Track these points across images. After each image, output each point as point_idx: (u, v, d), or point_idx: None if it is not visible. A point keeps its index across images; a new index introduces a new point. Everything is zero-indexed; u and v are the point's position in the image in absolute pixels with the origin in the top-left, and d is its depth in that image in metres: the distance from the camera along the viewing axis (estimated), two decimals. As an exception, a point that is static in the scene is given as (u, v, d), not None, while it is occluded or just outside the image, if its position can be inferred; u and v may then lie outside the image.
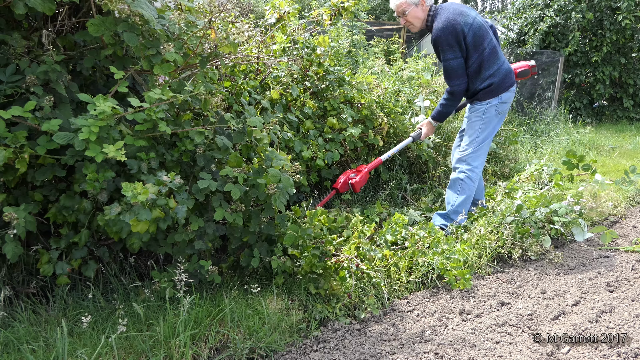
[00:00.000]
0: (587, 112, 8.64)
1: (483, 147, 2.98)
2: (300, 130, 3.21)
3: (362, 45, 6.22)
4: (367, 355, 1.90)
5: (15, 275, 2.03)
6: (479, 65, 2.86)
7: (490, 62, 2.87)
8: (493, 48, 2.88)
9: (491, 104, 2.92)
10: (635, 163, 4.83)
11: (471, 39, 2.80)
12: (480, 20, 2.88)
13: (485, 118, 2.94)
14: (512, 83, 2.96)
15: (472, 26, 2.80)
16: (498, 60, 2.89)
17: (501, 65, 2.90)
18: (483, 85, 2.90)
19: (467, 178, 2.98)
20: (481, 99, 2.94)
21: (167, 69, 1.86)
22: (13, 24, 1.87)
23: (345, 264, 2.37)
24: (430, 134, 3.21)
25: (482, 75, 2.88)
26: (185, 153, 2.04)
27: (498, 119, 2.98)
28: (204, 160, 2.04)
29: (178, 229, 1.98)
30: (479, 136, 2.97)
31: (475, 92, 2.95)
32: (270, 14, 3.23)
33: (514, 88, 2.99)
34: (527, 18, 8.67)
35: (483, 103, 2.94)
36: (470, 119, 3.00)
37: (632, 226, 3.39)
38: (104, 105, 1.65)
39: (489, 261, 2.71)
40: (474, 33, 2.79)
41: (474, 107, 2.99)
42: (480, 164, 3.01)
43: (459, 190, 3.00)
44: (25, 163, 1.69)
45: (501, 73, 2.89)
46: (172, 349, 1.77)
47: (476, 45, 2.82)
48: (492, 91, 2.90)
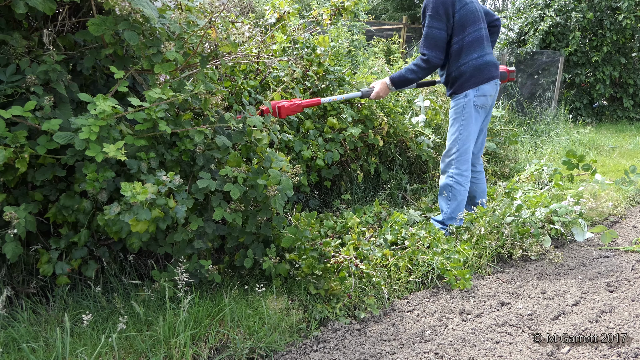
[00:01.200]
0: (587, 112, 8.64)
1: (468, 145, 2.91)
2: (300, 130, 3.21)
3: (362, 45, 6.22)
4: (367, 355, 1.90)
5: (15, 275, 2.03)
6: (460, 48, 2.79)
7: (471, 50, 2.79)
8: (479, 37, 2.80)
9: (469, 97, 2.83)
10: (635, 163, 4.84)
11: (459, 17, 2.73)
12: (477, 7, 2.82)
13: (465, 114, 2.86)
14: (492, 76, 2.86)
15: (466, 6, 2.74)
16: (481, 50, 2.81)
17: (482, 55, 2.82)
18: (457, 73, 2.83)
19: (456, 183, 2.92)
20: (458, 92, 2.87)
21: (168, 68, 1.86)
22: (13, 24, 1.87)
23: (344, 265, 2.37)
24: (382, 95, 3.00)
25: (461, 60, 2.80)
26: (185, 152, 2.04)
27: (478, 114, 2.90)
28: (203, 159, 2.04)
29: (178, 229, 1.98)
30: (462, 133, 2.89)
31: (452, 82, 2.88)
32: (270, 14, 3.23)
33: (495, 82, 2.89)
34: (527, 18, 8.68)
35: (460, 96, 2.86)
36: (451, 116, 2.94)
37: (632, 226, 3.39)
38: (104, 104, 1.65)
39: (489, 261, 2.71)
40: (465, 13, 2.73)
41: (453, 102, 2.93)
42: (469, 167, 2.94)
43: (450, 196, 2.95)
44: (25, 163, 1.69)
45: (479, 62, 2.80)
46: (172, 348, 1.77)
47: (462, 26, 2.75)
48: (467, 80, 2.82)
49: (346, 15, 3.50)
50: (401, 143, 3.83)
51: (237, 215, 2.00)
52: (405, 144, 3.81)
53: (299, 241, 2.22)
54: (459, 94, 2.88)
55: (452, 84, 2.89)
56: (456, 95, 2.90)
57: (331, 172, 3.32)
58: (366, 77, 3.76)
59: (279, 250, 2.25)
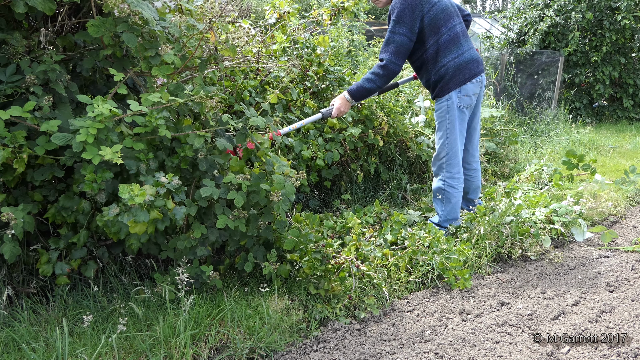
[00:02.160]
0: (587, 112, 8.64)
1: (456, 147, 2.84)
2: (300, 130, 3.21)
3: (362, 45, 6.22)
4: (367, 355, 1.90)
5: (15, 275, 2.03)
6: (436, 50, 2.68)
7: (448, 50, 2.69)
8: (454, 35, 2.69)
9: (451, 99, 2.75)
10: (635, 163, 4.84)
11: (430, 20, 2.62)
12: (448, 3, 2.69)
13: (449, 117, 2.78)
14: (474, 73, 2.75)
15: (435, 6, 2.62)
16: (458, 49, 2.71)
17: (461, 54, 2.71)
18: (436, 77, 2.74)
19: (448, 186, 2.89)
20: (440, 95, 2.80)
21: (166, 71, 1.86)
22: (13, 24, 1.87)
23: (345, 265, 2.37)
24: (344, 111, 2.85)
25: (439, 64, 2.70)
26: (184, 160, 2.03)
27: (464, 114, 2.82)
28: (206, 164, 2.02)
29: (181, 235, 1.97)
30: (449, 137, 2.82)
31: (433, 86, 2.82)
32: (270, 14, 3.23)
33: (479, 79, 2.79)
34: (527, 18, 8.68)
35: (443, 99, 2.78)
36: (436, 120, 2.87)
37: (632, 226, 3.39)
38: (102, 107, 1.65)
39: (488, 261, 2.71)
40: (435, 14, 2.62)
41: (437, 105, 2.86)
42: (460, 168, 2.90)
43: (444, 199, 2.93)
44: (23, 163, 1.69)
45: (458, 62, 2.70)
46: (172, 348, 1.77)
47: (435, 27, 2.64)
48: (447, 83, 2.72)
49: (346, 16, 3.50)
50: (401, 143, 3.83)
51: (241, 222, 1.98)
52: (405, 144, 3.81)
53: (302, 244, 2.22)
54: (441, 97, 2.80)
55: (434, 87, 2.82)
56: (439, 99, 2.82)
57: (331, 172, 3.32)
58: (366, 77, 3.75)
59: (279, 252, 2.24)
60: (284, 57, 3.29)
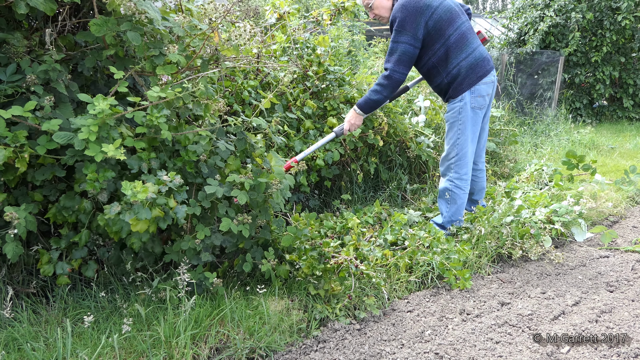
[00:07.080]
0: (587, 112, 8.65)
1: (467, 149, 2.82)
2: (300, 130, 3.21)
3: (362, 45, 6.23)
4: (367, 355, 1.90)
5: (15, 275, 2.03)
6: (446, 52, 2.67)
7: (458, 50, 2.67)
8: (462, 34, 2.67)
9: (464, 100, 2.73)
10: (635, 163, 4.84)
11: (434, 24, 2.60)
12: (450, 3, 2.68)
13: (462, 118, 2.77)
14: (485, 72, 2.74)
15: (437, 9, 2.61)
16: (468, 47, 2.69)
17: (471, 52, 2.69)
18: (449, 79, 2.72)
19: (456, 187, 2.88)
20: (453, 96, 2.78)
21: (170, 70, 1.86)
22: (13, 24, 1.87)
23: (345, 265, 2.37)
24: (356, 125, 2.85)
25: (450, 64, 2.69)
26: (188, 163, 2.02)
27: (476, 116, 2.80)
28: (207, 168, 2.02)
29: (184, 237, 1.97)
30: (460, 137, 2.80)
31: (445, 89, 2.80)
32: (270, 14, 3.24)
33: (489, 77, 2.77)
34: (527, 18, 8.69)
35: (456, 100, 2.77)
36: (448, 120, 2.85)
37: (632, 226, 3.40)
38: (102, 104, 1.65)
39: (488, 261, 2.71)
40: (439, 17, 2.60)
41: (449, 106, 2.85)
42: (468, 170, 2.88)
43: (449, 200, 2.91)
44: (25, 162, 1.69)
45: (470, 61, 2.69)
46: (173, 349, 1.77)
47: (440, 30, 2.62)
48: (461, 83, 2.71)
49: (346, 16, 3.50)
50: (401, 143, 3.83)
51: (244, 228, 1.97)
52: (405, 144, 3.81)
53: (299, 239, 2.22)
54: (454, 99, 2.78)
55: (446, 90, 2.81)
56: (452, 100, 2.81)
57: (331, 172, 3.32)
58: (366, 77, 3.76)
59: (277, 252, 2.24)
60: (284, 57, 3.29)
